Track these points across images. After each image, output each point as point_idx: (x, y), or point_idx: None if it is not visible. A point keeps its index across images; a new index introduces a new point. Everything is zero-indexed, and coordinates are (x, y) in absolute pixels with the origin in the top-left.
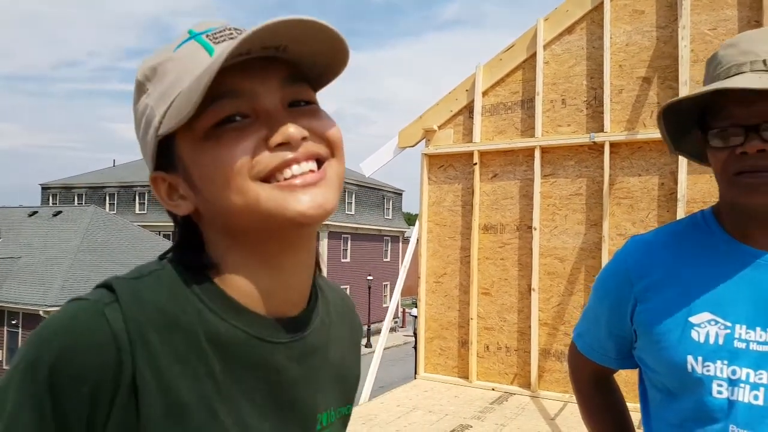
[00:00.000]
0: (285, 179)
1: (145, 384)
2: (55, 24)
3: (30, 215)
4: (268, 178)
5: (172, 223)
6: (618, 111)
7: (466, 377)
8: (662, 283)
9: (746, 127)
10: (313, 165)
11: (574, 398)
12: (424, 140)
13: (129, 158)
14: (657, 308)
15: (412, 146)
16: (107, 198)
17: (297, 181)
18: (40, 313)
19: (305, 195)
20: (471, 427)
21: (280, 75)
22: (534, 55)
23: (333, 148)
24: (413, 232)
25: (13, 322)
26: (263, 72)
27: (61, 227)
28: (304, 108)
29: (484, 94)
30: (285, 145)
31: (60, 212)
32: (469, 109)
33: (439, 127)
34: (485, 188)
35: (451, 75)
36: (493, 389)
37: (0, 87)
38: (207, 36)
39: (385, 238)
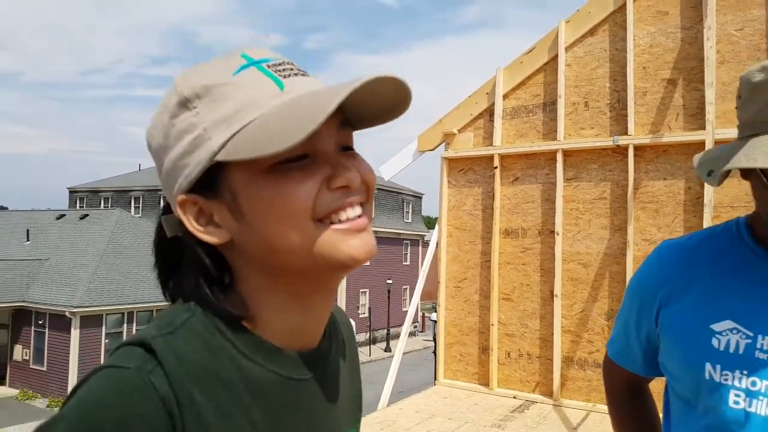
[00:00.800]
0: (339, 221)
1: None
2: (82, 33)
3: (57, 218)
4: (323, 218)
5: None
6: (642, 114)
7: (486, 384)
8: (687, 287)
9: None
10: (359, 210)
11: (597, 407)
12: (443, 144)
13: (152, 162)
14: (680, 313)
15: (432, 150)
16: (132, 201)
17: (347, 225)
18: (66, 314)
19: (355, 239)
20: None
21: (337, 119)
22: (555, 58)
23: (369, 192)
24: (433, 236)
25: (40, 322)
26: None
27: (87, 230)
28: (349, 153)
29: (505, 97)
30: (344, 188)
31: (86, 215)
32: (489, 112)
33: (459, 131)
34: (506, 192)
35: (471, 78)
36: (514, 397)
37: (31, 95)
38: (269, 66)
39: (404, 241)
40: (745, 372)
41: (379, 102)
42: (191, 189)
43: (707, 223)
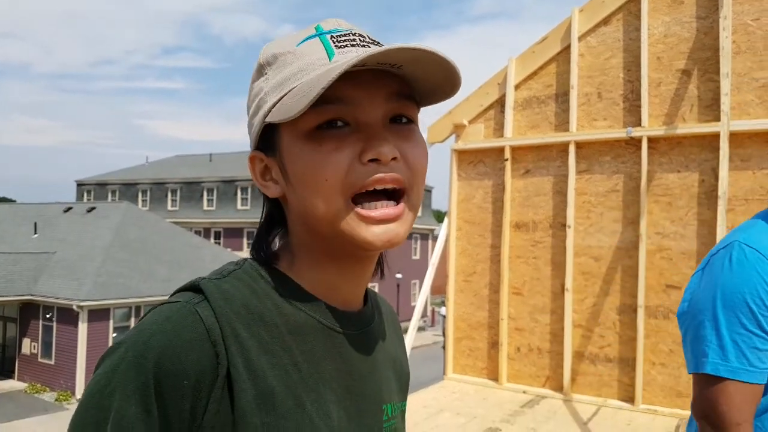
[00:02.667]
0: (368, 207)
1: (238, 374)
2: (95, 23)
3: (65, 211)
4: (354, 194)
5: (202, 220)
6: (656, 105)
7: (495, 379)
8: None
9: None
10: (393, 207)
11: (608, 402)
12: (453, 136)
13: (162, 155)
14: None
15: (441, 142)
16: (140, 194)
17: (375, 213)
18: (74, 307)
19: (378, 228)
20: (500, 430)
21: (388, 90)
22: (568, 48)
23: (415, 178)
24: (442, 230)
25: (48, 315)
26: (373, 84)
27: (94, 223)
28: (402, 126)
29: (517, 87)
30: (376, 161)
31: (94, 208)
32: (500, 103)
33: (470, 122)
34: (517, 185)
35: (484, 68)
36: (524, 392)
37: (42, 85)
38: (332, 37)
39: (413, 235)
40: None
41: (432, 77)
42: (258, 146)
43: (721, 216)
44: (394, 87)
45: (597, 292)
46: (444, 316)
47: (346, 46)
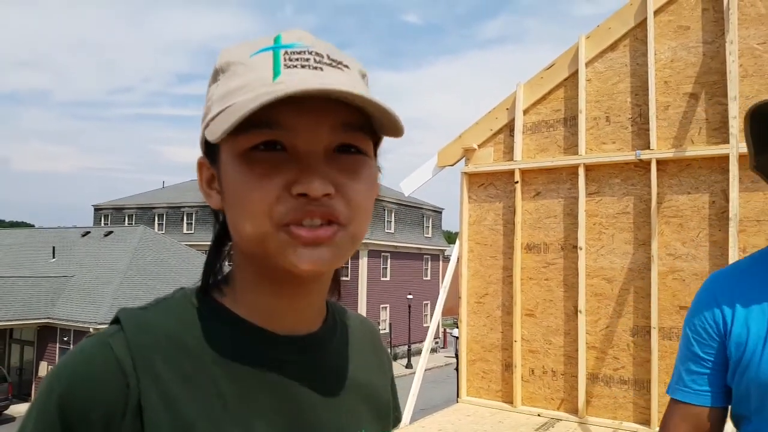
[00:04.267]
0: (295, 226)
1: (150, 405)
2: (111, 52)
3: (83, 235)
4: (285, 224)
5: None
6: (664, 128)
7: (510, 402)
8: (745, 305)
9: None
10: (327, 227)
11: (623, 425)
12: (463, 159)
13: (177, 180)
14: (741, 330)
15: (452, 165)
16: (156, 218)
17: (304, 233)
18: (90, 330)
19: (306, 251)
20: None
21: (336, 120)
22: (576, 73)
23: (353, 214)
24: (453, 252)
25: (65, 339)
26: (318, 113)
27: (111, 247)
28: (349, 157)
29: (525, 112)
30: (304, 196)
31: (111, 232)
32: (509, 127)
33: (479, 146)
34: (527, 207)
35: (492, 92)
36: (538, 415)
37: (59, 113)
38: (285, 53)
39: (424, 256)
40: None
41: (379, 115)
42: (206, 154)
43: (733, 237)
44: (344, 117)
45: (610, 314)
46: (456, 338)
47: (296, 66)
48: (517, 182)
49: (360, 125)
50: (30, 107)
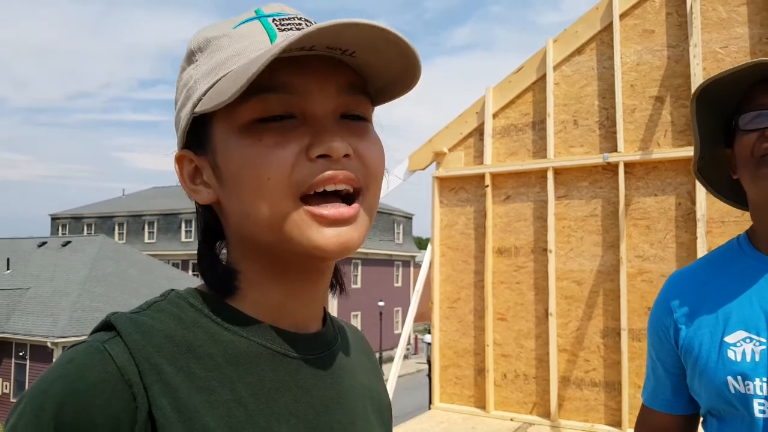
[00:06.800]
0: (317, 204)
1: (164, 417)
2: (71, 56)
3: (39, 246)
4: (302, 194)
5: (180, 252)
6: (631, 131)
7: (483, 407)
8: (698, 307)
9: None
10: (347, 206)
11: (595, 428)
12: (434, 163)
13: (138, 187)
14: (695, 333)
15: (423, 169)
16: (116, 227)
17: (328, 212)
18: (48, 344)
19: (331, 230)
20: None
21: (340, 81)
22: (544, 77)
23: (371, 178)
24: (425, 257)
25: (21, 354)
26: (323, 73)
27: (69, 257)
28: (355, 123)
29: (495, 116)
30: (326, 157)
31: (69, 242)
32: (479, 131)
33: (450, 150)
34: (498, 210)
35: (462, 98)
36: (511, 419)
37: (16, 119)
38: (273, 20)
39: (395, 262)
40: (764, 379)
41: (389, 66)
42: (188, 145)
43: (700, 238)
44: (348, 78)
45: (580, 316)
46: (428, 344)
47: (291, 29)
48: (487, 186)
49: (362, 88)
50: None
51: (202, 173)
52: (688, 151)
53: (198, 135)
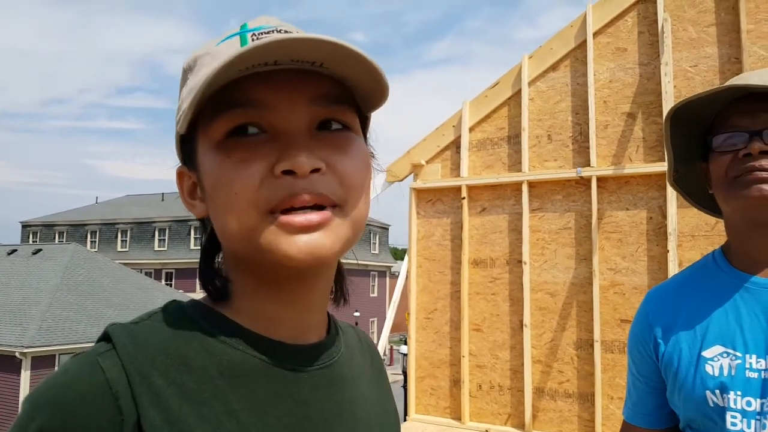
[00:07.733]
0: (284, 214)
1: (154, 429)
2: (47, 61)
3: (9, 254)
4: (273, 209)
5: (153, 261)
6: (604, 146)
7: (458, 418)
8: (676, 323)
9: (750, 132)
10: (317, 212)
11: None
12: (411, 175)
13: (112, 195)
14: (673, 348)
15: (400, 180)
16: (89, 235)
17: (296, 219)
18: (16, 354)
19: (300, 237)
20: None
21: (313, 92)
22: (519, 92)
23: (348, 192)
24: (402, 267)
25: None
26: (293, 86)
27: (40, 266)
28: (333, 135)
29: (471, 129)
30: (292, 174)
31: (40, 250)
32: (456, 144)
33: (427, 162)
34: (474, 222)
35: (440, 111)
36: (486, 431)
37: None
38: (253, 35)
39: (371, 273)
40: (739, 393)
41: (360, 78)
42: (184, 161)
43: (672, 251)
44: (322, 89)
45: (554, 327)
46: (404, 355)
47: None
48: (464, 198)
49: (341, 97)
50: None
51: (197, 188)
52: (660, 167)
53: (188, 152)
